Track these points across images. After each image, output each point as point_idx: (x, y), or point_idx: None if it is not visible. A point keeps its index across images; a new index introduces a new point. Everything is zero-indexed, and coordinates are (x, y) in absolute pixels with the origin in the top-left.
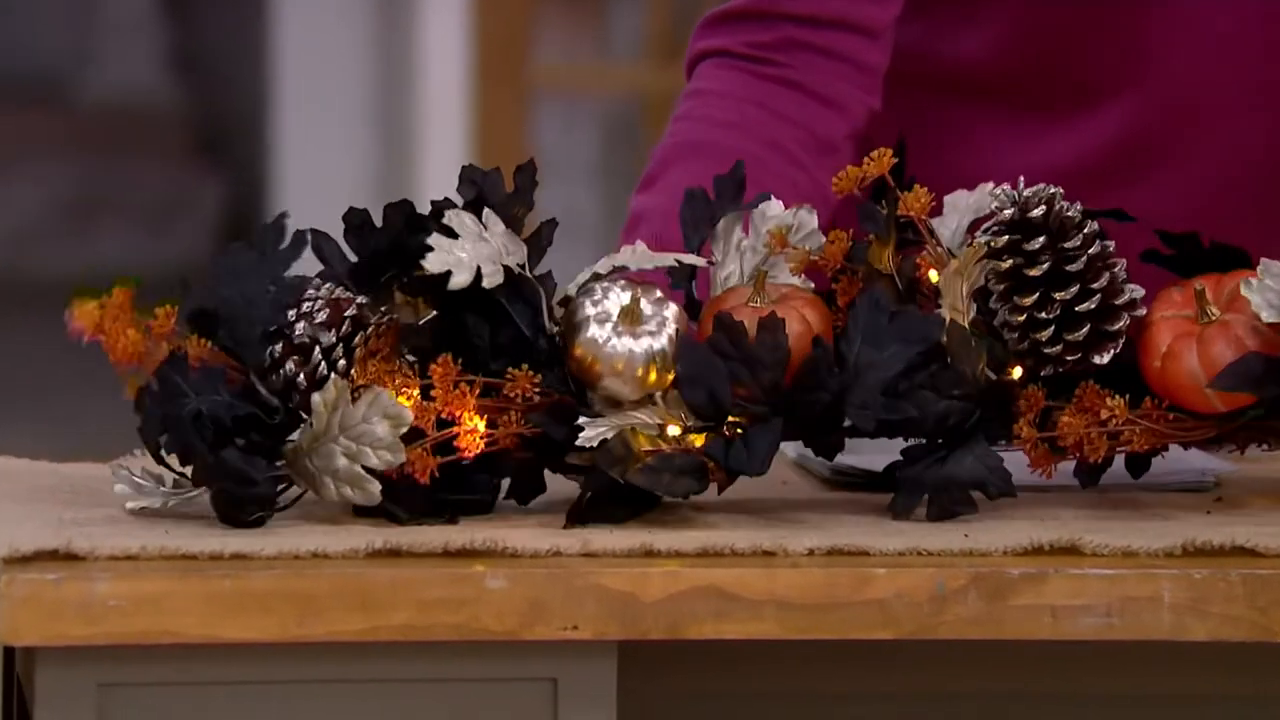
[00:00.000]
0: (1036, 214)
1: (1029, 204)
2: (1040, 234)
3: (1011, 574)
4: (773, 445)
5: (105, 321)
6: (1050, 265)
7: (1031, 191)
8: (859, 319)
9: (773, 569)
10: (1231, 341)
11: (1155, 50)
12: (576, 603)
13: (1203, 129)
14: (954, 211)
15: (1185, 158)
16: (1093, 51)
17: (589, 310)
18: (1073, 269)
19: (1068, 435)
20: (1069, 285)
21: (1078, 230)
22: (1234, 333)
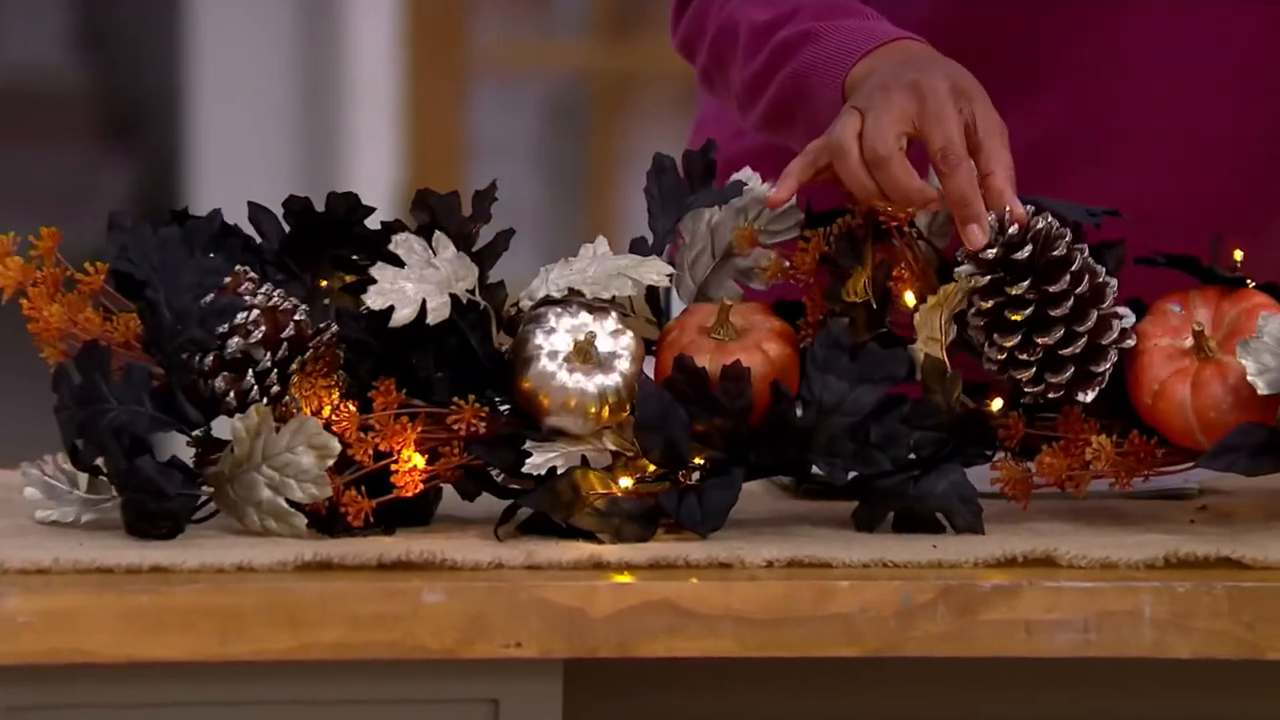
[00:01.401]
0: (1022, 255)
1: (1014, 241)
2: (1025, 276)
3: (983, 587)
4: (729, 502)
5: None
6: (1034, 310)
7: (1018, 226)
8: (819, 359)
9: (729, 582)
10: (1228, 391)
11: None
12: (520, 618)
13: (1171, 111)
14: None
15: (1153, 139)
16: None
17: (539, 341)
18: (1057, 313)
19: (1049, 475)
20: (1053, 329)
21: (1064, 269)
22: (1230, 380)
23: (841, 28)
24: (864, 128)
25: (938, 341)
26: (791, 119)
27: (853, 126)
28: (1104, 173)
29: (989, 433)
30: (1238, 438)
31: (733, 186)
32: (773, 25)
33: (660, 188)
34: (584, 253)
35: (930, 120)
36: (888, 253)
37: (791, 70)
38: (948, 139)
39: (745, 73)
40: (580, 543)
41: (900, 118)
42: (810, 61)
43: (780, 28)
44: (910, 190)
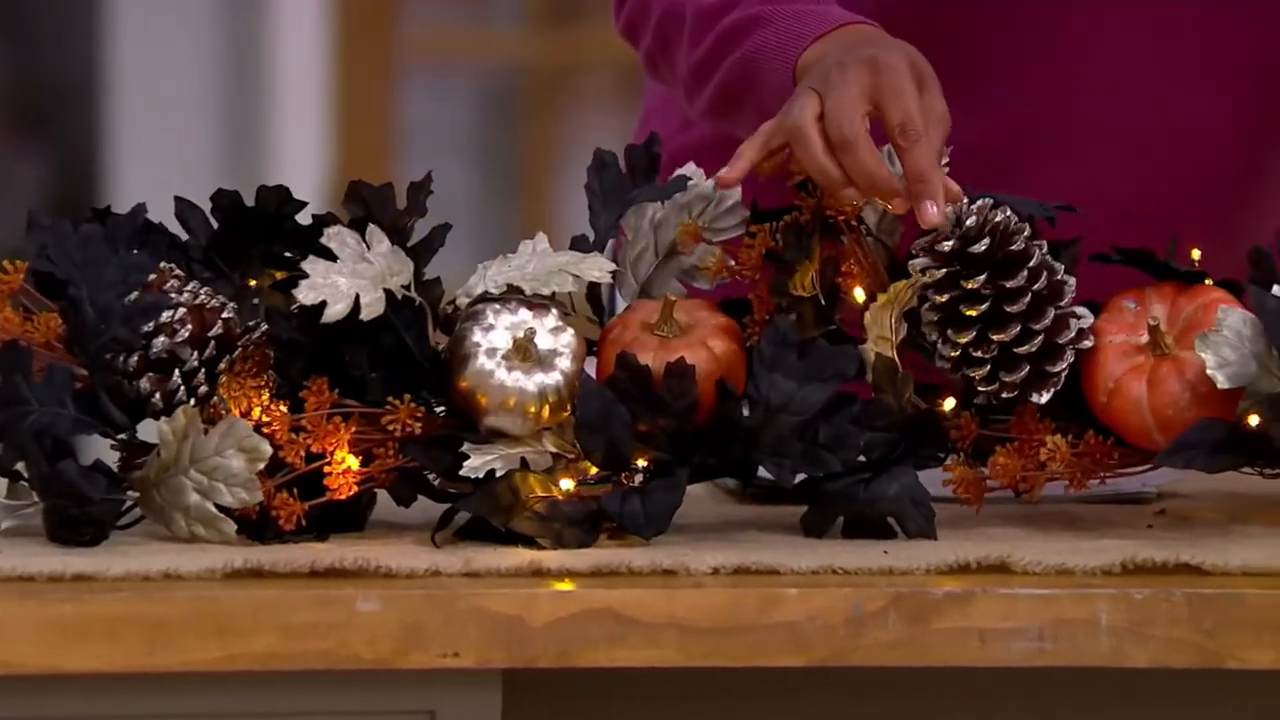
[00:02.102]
0: (979, 248)
1: (971, 234)
2: (982, 270)
3: (935, 594)
4: (673, 505)
5: None
6: (990, 305)
7: (975, 219)
8: (766, 356)
9: (673, 589)
10: (1185, 387)
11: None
12: (457, 627)
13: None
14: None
15: (1107, 132)
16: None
17: (477, 339)
18: (1014, 309)
19: (1003, 476)
20: (1009, 326)
21: (1022, 265)
22: (1187, 376)
23: (791, 11)
24: (825, 108)
25: (888, 340)
26: (740, 105)
27: (811, 108)
28: (1057, 166)
29: (941, 434)
30: (1196, 434)
31: (676, 182)
32: (719, 9)
33: (602, 183)
34: (523, 249)
35: (888, 95)
36: (836, 247)
37: (740, 55)
38: (906, 113)
39: (691, 58)
40: (520, 548)
41: (860, 95)
42: (759, 45)
43: (727, 11)
44: (878, 177)
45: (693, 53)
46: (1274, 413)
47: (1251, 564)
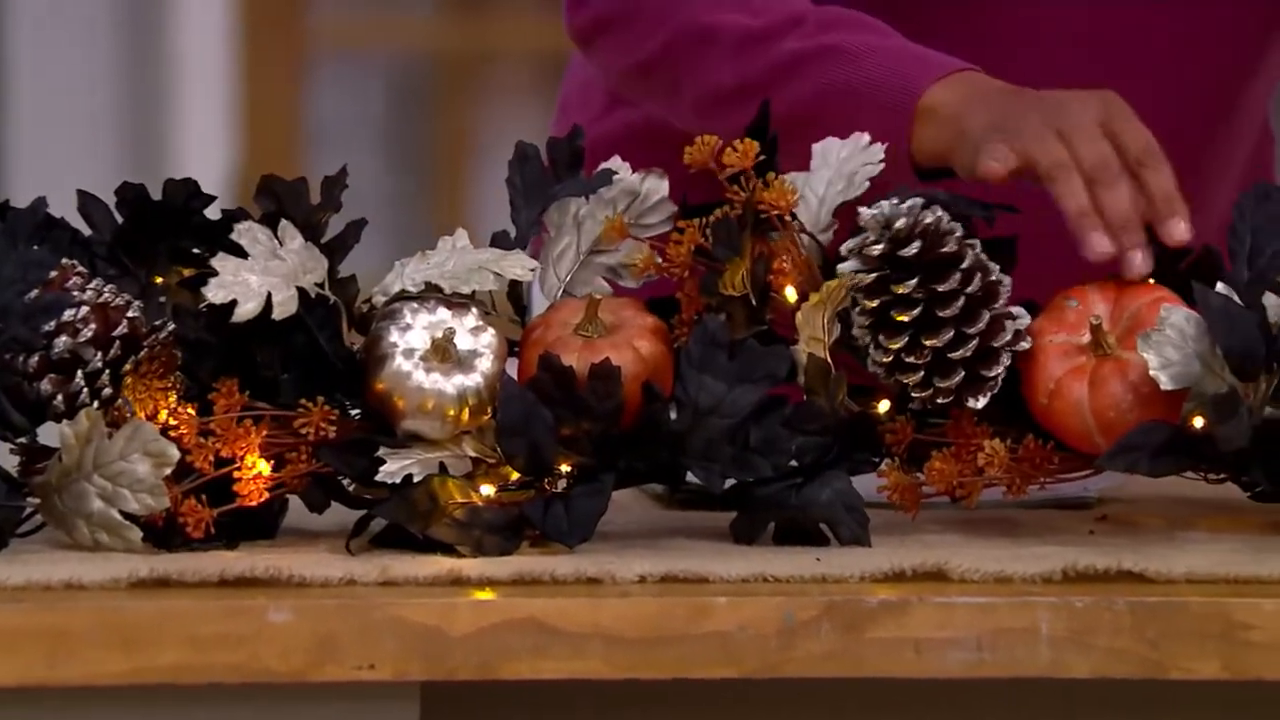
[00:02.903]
0: (909, 251)
1: (900, 236)
2: (912, 274)
3: (870, 603)
4: (598, 511)
5: None
6: (922, 310)
7: (905, 221)
8: (694, 357)
9: (598, 599)
10: (1128, 388)
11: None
12: (373, 638)
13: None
14: (824, 165)
15: None
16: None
17: (394, 339)
18: (946, 314)
19: (939, 482)
20: (941, 331)
21: (954, 267)
22: (1130, 377)
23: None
24: (1074, 148)
25: (821, 341)
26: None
27: (1064, 148)
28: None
29: (876, 438)
30: (1139, 436)
31: (601, 176)
32: (769, 32)
33: (523, 177)
34: (442, 245)
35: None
36: (767, 245)
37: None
38: (1149, 140)
39: (728, 78)
40: (438, 556)
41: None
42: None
43: (782, 36)
44: (1133, 216)
45: (731, 73)
46: (1219, 415)
47: (1196, 571)
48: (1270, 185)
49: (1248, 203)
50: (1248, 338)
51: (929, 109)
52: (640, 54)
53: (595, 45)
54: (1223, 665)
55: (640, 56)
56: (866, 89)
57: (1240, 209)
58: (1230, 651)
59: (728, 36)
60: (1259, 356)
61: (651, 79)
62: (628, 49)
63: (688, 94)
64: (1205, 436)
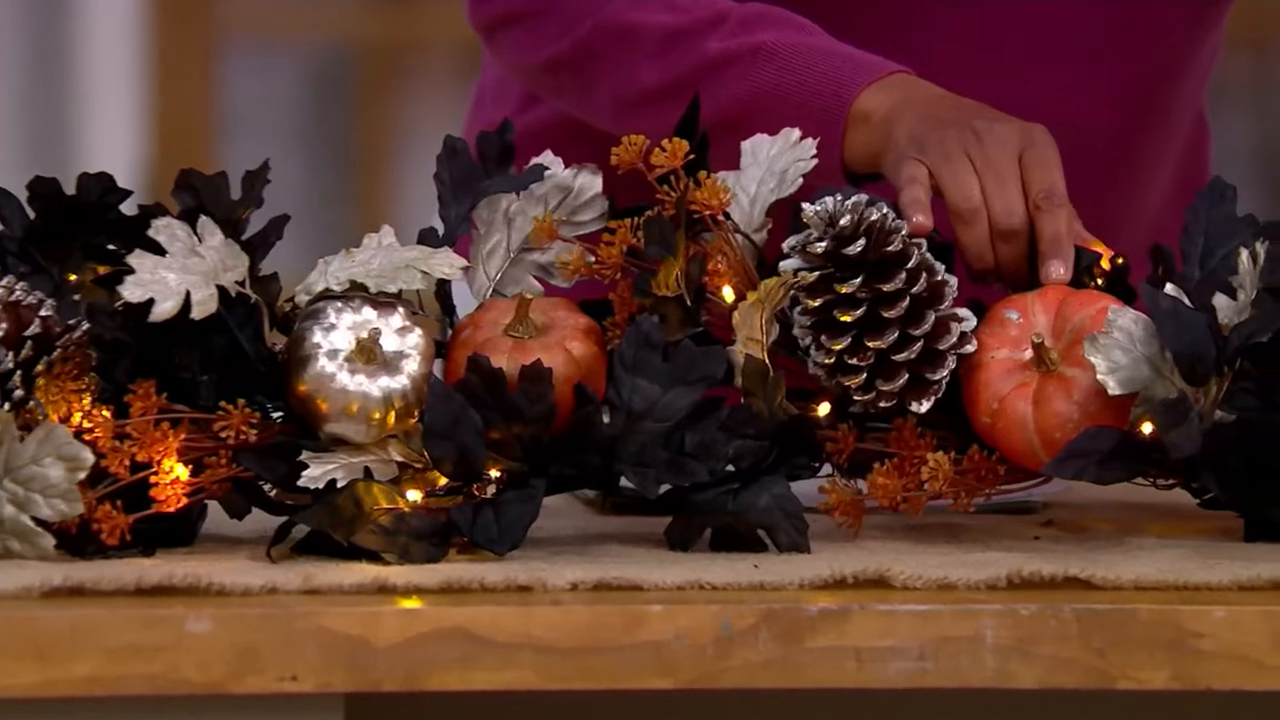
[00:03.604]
0: (853, 250)
1: (845, 234)
2: (857, 273)
3: (809, 611)
4: (528, 518)
5: None
6: (866, 310)
7: (849, 218)
8: (628, 359)
9: (529, 607)
10: (1074, 407)
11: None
12: (296, 649)
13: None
14: (754, 163)
15: None
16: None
17: (317, 339)
18: (891, 315)
19: (882, 496)
20: (886, 332)
21: (899, 266)
22: (1075, 396)
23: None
24: (987, 189)
25: (758, 342)
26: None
27: (976, 183)
28: None
29: (815, 442)
30: (1086, 442)
31: (532, 171)
32: (691, 30)
33: (451, 172)
34: (368, 243)
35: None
36: (701, 244)
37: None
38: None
39: (650, 78)
40: (363, 564)
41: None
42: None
43: (704, 35)
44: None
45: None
46: (1168, 421)
47: (1145, 578)
48: (1225, 185)
49: (1203, 203)
50: (1197, 340)
51: (861, 114)
52: (549, 50)
53: (498, 39)
54: (1172, 675)
55: (549, 53)
56: (796, 92)
57: (1195, 209)
58: (1180, 660)
59: (649, 35)
60: (1209, 359)
61: (561, 76)
62: (536, 44)
63: (604, 93)
64: (1154, 443)
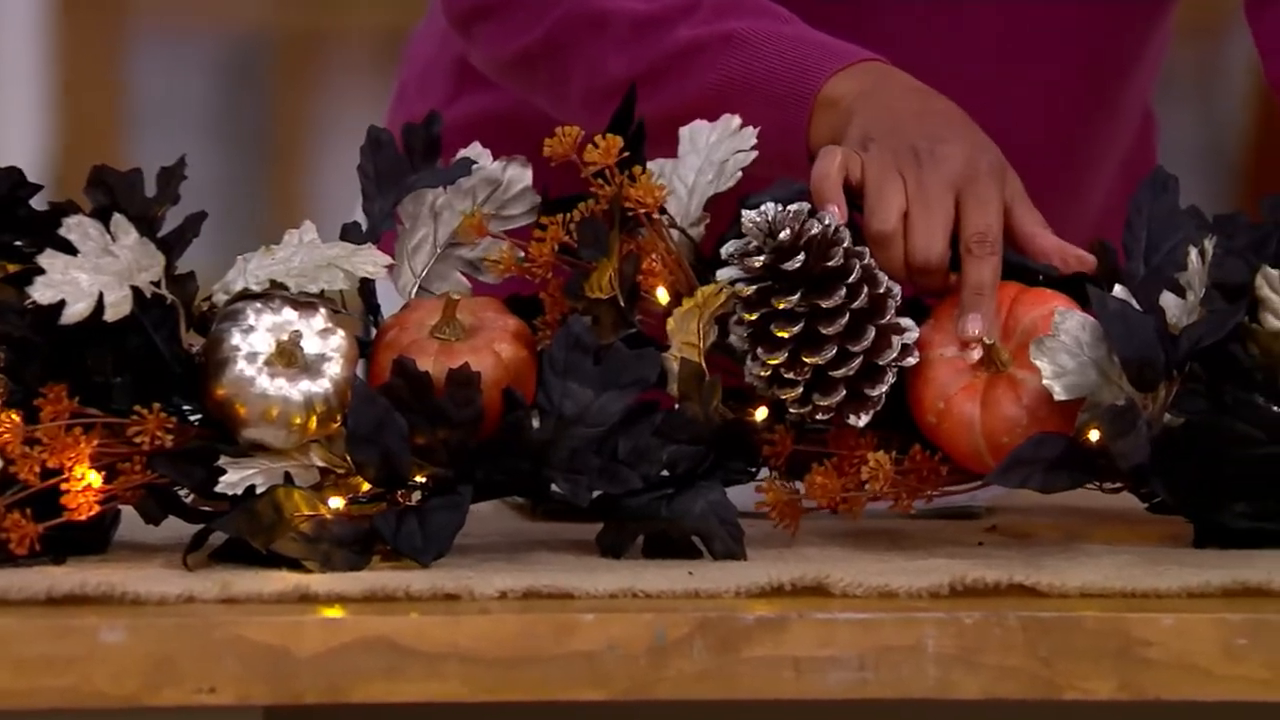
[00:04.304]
0: (792, 265)
1: (785, 247)
2: (795, 288)
3: (745, 620)
4: (455, 525)
5: None
6: (804, 326)
7: (789, 230)
8: (558, 362)
9: (456, 616)
10: (1022, 410)
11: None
12: (214, 659)
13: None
14: (692, 152)
15: None
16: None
17: (236, 341)
18: (829, 331)
19: (820, 497)
20: (824, 349)
21: (840, 281)
22: (1024, 399)
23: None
24: (911, 215)
25: (695, 347)
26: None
27: (898, 206)
28: None
29: (752, 447)
30: (1032, 449)
31: (460, 164)
32: (663, 18)
33: (376, 165)
34: (288, 240)
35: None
36: (636, 242)
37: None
38: (988, 227)
39: (619, 68)
40: (283, 572)
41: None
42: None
43: (676, 23)
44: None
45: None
46: (1115, 429)
47: (1091, 585)
48: (1167, 175)
49: (1145, 195)
50: (1146, 344)
51: (828, 100)
52: (522, 41)
53: (474, 33)
54: (1120, 684)
55: (522, 43)
56: (765, 80)
57: (1137, 202)
58: (1128, 670)
59: (618, 22)
60: (1158, 365)
61: (536, 69)
62: (507, 36)
63: (576, 85)
64: (1101, 450)
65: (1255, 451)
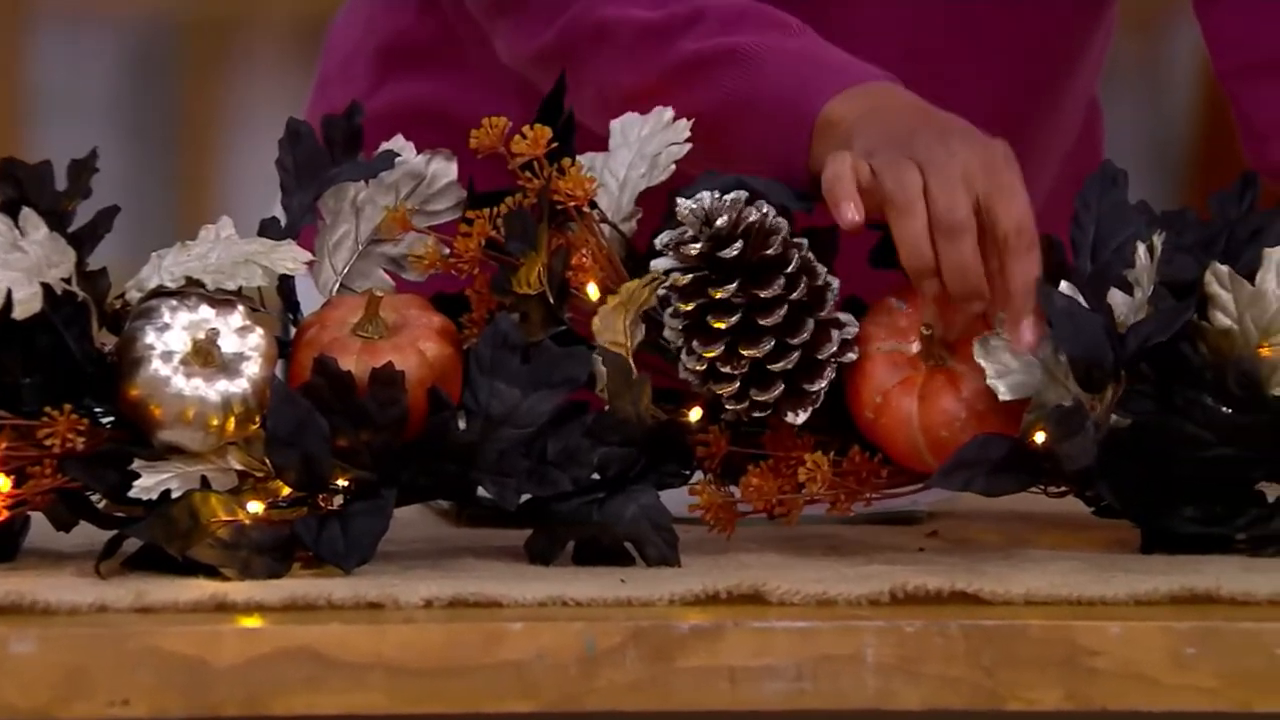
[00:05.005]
0: (730, 253)
1: (722, 235)
2: (732, 277)
3: (679, 629)
4: (378, 530)
5: None
6: (741, 317)
7: (726, 217)
8: (485, 361)
9: (380, 625)
10: (962, 405)
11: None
12: (128, 671)
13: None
14: (623, 145)
15: None
16: None
17: (150, 340)
18: (767, 323)
19: (756, 499)
20: (761, 341)
21: (778, 271)
22: (963, 393)
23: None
24: (929, 184)
25: (623, 345)
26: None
27: (917, 176)
28: None
29: (686, 449)
30: (975, 451)
31: (383, 157)
32: (667, 29)
33: (295, 158)
34: (204, 236)
35: (1002, 190)
36: (565, 237)
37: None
38: (1023, 216)
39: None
40: (200, 580)
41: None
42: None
43: (681, 34)
44: (972, 274)
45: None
46: (1061, 431)
47: (1036, 592)
48: (1116, 170)
49: (1093, 189)
50: (1094, 343)
51: (828, 122)
52: (536, 43)
53: (496, 28)
54: (1065, 694)
55: (536, 45)
56: (768, 99)
57: (1084, 196)
58: (1073, 679)
59: (624, 32)
60: (1106, 364)
61: (551, 71)
62: (524, 36)
63: (589, 92)
64: (1047, 452)
65: (1204, 454)
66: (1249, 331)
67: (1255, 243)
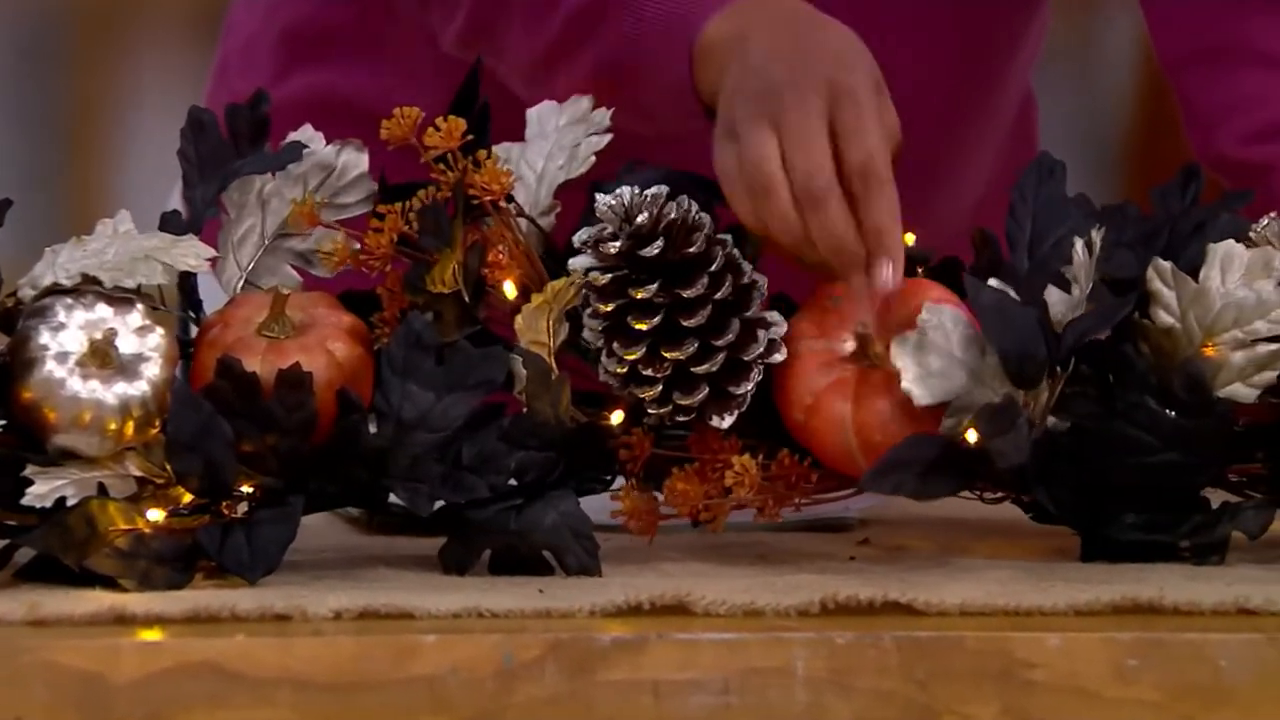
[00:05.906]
0: (651, 251)
1: (642, 233)
2: (654, 277)
3: (601, 641)
4: (285, 539)
5: None
6: (663, 318)
7: (647, 215)
8: (397, 362)
9: (287, 638)
10: (897, 407)
11: None
12: (21, 687)
13: None
14: (541, 135)
15: None
16: None
17: (44, 340)
18: (691, 324)
19: (681, 504)
20: (684, 343)
21: (702, 270)
22: (899, 394)
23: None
24: (785, 149)
25: (545, 346)
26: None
27: (773, 147)
28: None
29: (607, 452)
30: (906, 452)
31: (290, 149)
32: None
33: (198, 149)
34: (101, 231)
35: (850, 129)
36: (481, 232)
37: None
38: (870, 154)
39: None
40: (98, 591)
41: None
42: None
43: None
44: (846, 241)
45: (533, 43)
46: (993, 427)
47: (971, 602)
48: (1054, 161)
49: (1029, 182)
50: (1025, 338)
51: (708, 47)
52: (454, 28)
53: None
54: (1002, 708)
55: (455, 30)
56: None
57: (1020, 189)
58: (1010, 693)
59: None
60: (1039, 359)
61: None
62: (445, 20)
63: (508, 67)
64: (980, 452)
65: (1146, 459)
66: (1192, 330)
67: (1198, 238)
